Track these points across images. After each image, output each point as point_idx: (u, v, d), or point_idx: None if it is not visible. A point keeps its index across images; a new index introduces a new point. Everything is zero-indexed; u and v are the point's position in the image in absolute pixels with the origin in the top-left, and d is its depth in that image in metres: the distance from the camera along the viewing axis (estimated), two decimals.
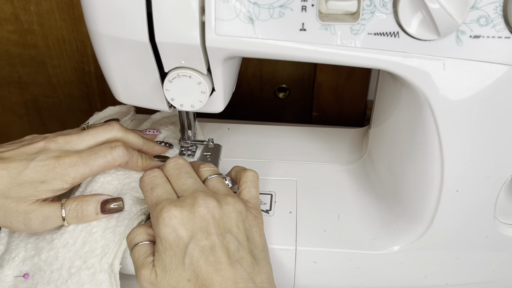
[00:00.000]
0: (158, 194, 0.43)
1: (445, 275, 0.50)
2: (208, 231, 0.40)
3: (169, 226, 0.40)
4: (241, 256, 0.40)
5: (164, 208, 0.41)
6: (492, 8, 0.36)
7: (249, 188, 0.46)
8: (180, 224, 0.40)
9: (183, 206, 0.41)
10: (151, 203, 0.43)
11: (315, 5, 0.37)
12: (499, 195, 0.45)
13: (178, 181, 0.44)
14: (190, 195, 0.42)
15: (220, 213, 0.41)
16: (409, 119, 0.45)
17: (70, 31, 0.79)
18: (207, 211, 0.41)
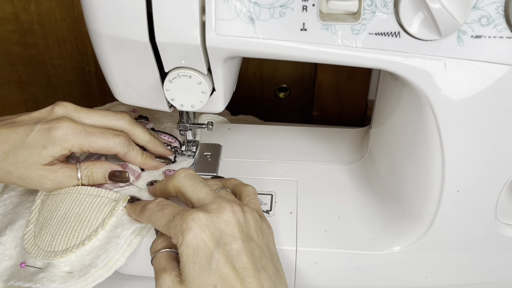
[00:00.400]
0: (172, 209, 0.41)
1: (446, 275, 0.50)
2: (234, 235, 0.39)
3: (193, 231, 0.38)
4: (265, 264, 0.40)
5: (186, 214, 0.39)
6: (494, 8, 0.36)
7: (253, 200, 0.46)
8: (206, 228, 0.38)
9: (208, 211, 0.39)
10: (167, 221, 0.40)
11: (316, 5, 0.37)
12: (500, 195, 0.45)
13: (195, 189, 0.43)
14: (212, 201, 0.41)
15: (242, 219, 0.40)
16: (410, 119, 0.45)
17: (70, 30, 0.79)
18: (232, 216, 0.39)
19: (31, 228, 0.48)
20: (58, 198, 0.49)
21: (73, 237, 0.46)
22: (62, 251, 0.45)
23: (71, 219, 0.47)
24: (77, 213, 0.47)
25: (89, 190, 0.49)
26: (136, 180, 0.52)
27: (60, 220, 0.47)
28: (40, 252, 0.46)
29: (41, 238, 0.47)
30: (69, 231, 0.46)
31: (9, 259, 0.46)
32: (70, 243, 0.46)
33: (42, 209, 0.49)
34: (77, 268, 0.45)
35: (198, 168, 0.56)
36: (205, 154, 0.58)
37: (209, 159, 0.58)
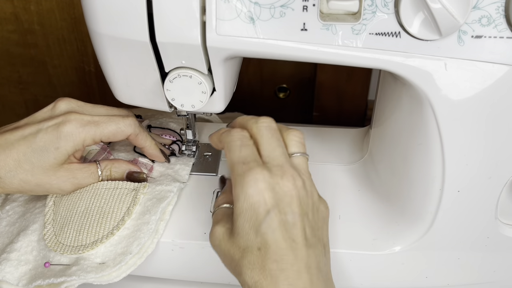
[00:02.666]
0: (246, 154, 0.39)
1: (446, 275, 0.50)
2: (292, 207, 0.38)
3: (256, 186, 0.37)
4: (314, 242, 0.39)
5: (254, 169, 0.38)
6: (494, 8, 0.36)
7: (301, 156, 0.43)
8: (267, 189, 0.37)
9: (272, 173, 0.38)
10: (237, 160, 0.39)
11: (316, 5, 0.37)
12: (500, 195, 0.45)
13: (269, 145, 0.41)
14: (278, 165, 0.39)
15: (303, 194, 0.39)
16: (410, 119, 0.45)
17: (71, 30, 0.79)
18: (293, 187, 0.38)
19: (50, 228, 0.48)
20: (75, 196, 0.49)
21: (100, 229, 0.46)
22: (91, 243, 0.46)
23: (94, 213, 0.47)
24: (99, 206, 0.48)
25: (106, 184, 0.50)
26: (150, 172, 0.53)
27: (83, 216, 0.47)
28: (66, 248, 0.46)
29: (64, 236, 0.47)
30: (95, 224, 0.47)
31: (25, 264, 0.46)
32: (98, 235, 0.46)
33: (57, 210, 0.49)
34: (109, 257, 0.45)
35: (198, 168, 0.56)
36: (205, 154, 0.58)
37: (209, 159, 0.58)
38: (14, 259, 0.46)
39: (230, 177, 0.44)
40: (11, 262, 0.46)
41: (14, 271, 0.46)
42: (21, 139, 0.45)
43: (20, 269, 0.46)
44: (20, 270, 0.46)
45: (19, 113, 0.89)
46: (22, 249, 0.47)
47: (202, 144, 0.60)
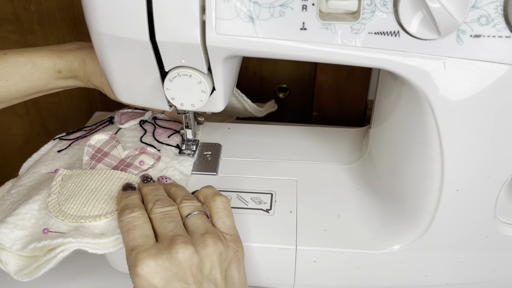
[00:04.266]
0: (134, 237, 0.41)
1: (445, 274, 0.50)
2: (186, 280, 0.38)
3: (141, 275, 0.38)
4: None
5: (137, 256, 0.39)
6: (493, 7, 0.36)
7: (222, 218, 0.44)
8: (154, 274, 0.38)
9: (160, 253, 0.39)
10: (127, 247, 0.41)
11: (315, 4, 0.37)
12: (499, 194, 0.45)
13: (160, 226, 0.42)
14: (167, 241, 0.40)
15: (198, 259, 0.39)
16: (409, 119, 0.45)
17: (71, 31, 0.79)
18: (183, 258, 0.39)
19: (54, 197, 0.49)
20: (86, 175, 0.51)
21: (105, 207, 0.48)
22: (93, 216, 0.47)
23: (102, 193, 0.49)
24: (108, 189, 0.49)
25: (119, 174, 0.51)
26: (157, 162, 0.55)
27: (91, 192, 0.49)
28: (68, 216, 0.47)
29: (69, 206, 0.48)
30: (101, 202, 0.48)
31: (21, 229, 0.46)
32: (102, 211, 0.47)
33: (65, 185, 0.50)
34: (108, 230, 0.46)
35: (198, 167, 0.56)
36: (205, 154, 0.58)
37: (209, 159, 0.58)
38: (10, 222, 0.46)
39: None
40: (6, 224, 0.46)
41: (8, 233, 0.45)
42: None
43: (16, 233, 0.46)
44: (16, 234, 0.46)
45: (19, 113, 0.89)
46: (21, 215, 0.47)
47: (202, 144, 0.60)
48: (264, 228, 0.49)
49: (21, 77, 0.50)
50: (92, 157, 0.55)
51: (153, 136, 0.59)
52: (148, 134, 0.59)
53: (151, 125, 0.62)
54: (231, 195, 0.52)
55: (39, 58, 0.51)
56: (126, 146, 0.57)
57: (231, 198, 0.52)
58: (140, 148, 0.56)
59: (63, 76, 0.53)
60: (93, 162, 0.54)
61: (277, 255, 0.48)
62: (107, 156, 0.55)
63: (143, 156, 0.55)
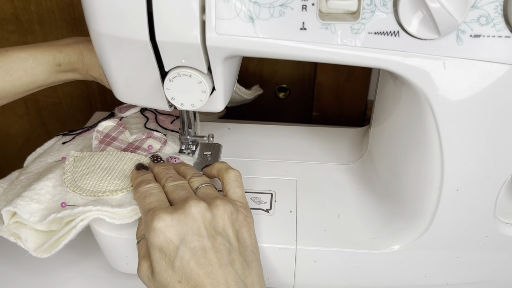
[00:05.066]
0: (150, 201, 0.43)
1: (445, 274, 0.50)
2: (200, 233, 0.40)
3: (158, 229, 0.40)
4: (232, 258, 0.41)
5: (154, 213, 0.41)
6: (492, 7, 0.36)
7: (233, 188, 0.47)
8: (170, 227, 0.40)
9: (174, 210, 0.41)
10: (143, 211, 0.43)
11: (315, 4, 0.37)
12: (499, 194, 0.45)
13: (175, 196, 0.44)
14: (181, 200, 0.43)
15: (211, 215, 0.41)
16: (409, 119, 0.45)
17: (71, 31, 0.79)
18: (197, 212, 0.41)
19: (69, 175, 0.50)
20: (98, 156, 0.53)
21: (120, 183, 0.49)
22: (110, 191, 0.49)
23: (116, 171, 0.51)
24: (121, 168, 0.51)
25: (130, 155, 0.53)
26: (164, 146, 0.57)
27: (105, 171, 0.51)
28: (85, 191, 0.49)
29: (85, 182, 0.50)
30: (116, 178, 0.50)
31: (37, 203, 0.48)
32: (117, 187, 0.49)
33: (77, 165, 0.52)
34: (125, 202, 0.48)
35: (198, 167, 0.56)
36: (205, 154, 0.58)
37: (209, 158, 0.58)
38: (26, 196, 0.47)
39: None
40: (22, 198, 0.47)
41: (25, 205, 0.47)
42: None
43: (32, 205, 0.47)
44: (32, 206, 0.47)
45: (19, 113, 0.89)
46: (36, 190, 0.48)
47: (202, 144, 0.60)
48: (264, 228, 0.49)
49: (24, 72, 0.52)
50: (101, 141, 0.56)
51: (156, 122, 0.61)
52: (151, 121, 0.62)
53: (151, 113, 0.64)
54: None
55: (39, 53, 0.53)
56: (132, 132, 0.59)
57: None
58: (147, 133, 0.58)
59: (63, 69, 0.55)
60: (102, 146, 0.56)
61: (277, 255, 0.48)
62: (116, 140, 0.57)
63: (150, 140, 0.57)
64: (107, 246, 0.50)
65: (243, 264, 0.41)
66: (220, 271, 0.39)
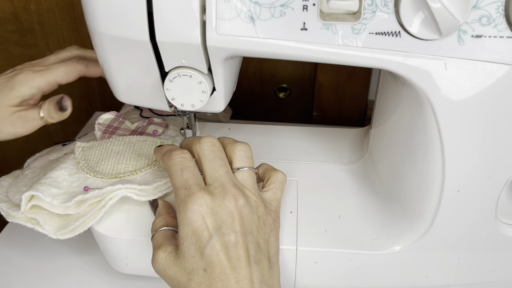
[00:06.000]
0: (187, 177, 0.42)
1: (446, 275, 0.50)
2: (234, 227, 0.40)
3: (198, 212, 0.39)
4: (259, 257, 0.41)
5: (195, 194, 0.40)
6: (494, 7, 0.36)
7: (275, 189, 0.46)
8: (209, 214, 0.39)
9: (213, 197, 0.40)
10: (179, 185, 0.42)
11: (316, 5, 0.37)
12: (500, 195, 0.45)
13: (211, 166, 0.43)
14: (220, 186, 0.41)
15: (246, 212, 0.41)
16: (410, 119, 0.45)
17: (70, 30, 0.79)
18: (235, 208, 0.40)
19: (84, 163, 0.51)
20: (106, 143, 0.54)
21: (137, 163, 0.51)
22: (130, 171, 0.50)
23: (129, 153, 0.52)
24: (133, 149, 0.52)
25: (137, 137, 0.55)
26: (166, 129, 0.58)
27: (119, 154, 0.52)
28: (106, 174, 0.50)
29: (102, 167, 0.51)
30: (132, 160, 0.51)
31: (56, 188, 0.49)
32: (136, 167, 0.50)
33: (88, 154, 0.53)
34: (147, 181, 0.49)
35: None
36: None
37: None
38: (45, 182, 0.48)
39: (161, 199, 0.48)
40: (41, 184, 0.48)
41: (45, 190, 0.48)
42: None
43: (52, 190, 0.48)
44: (52, 190, 0.48)
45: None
46: (53, 178, 0.49)
47: None
48: None
49: None
50: (104, 132, 0.57)
51: (150, 111, 0.62)
52: (145, 110, 0.63)
53: None
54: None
55: None
56: (132, 122, 0.60)
57: None
58: (147, 120, 0.59)
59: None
60: (107, 135, 0.56)
61: None
62: (119, 129, 0.57)
63: (152, 126, 0.58)
64: (107, 247, 0.50)
65: (267, 264, 0.42)
66: (247, 267, 0.39)
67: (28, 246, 0.58)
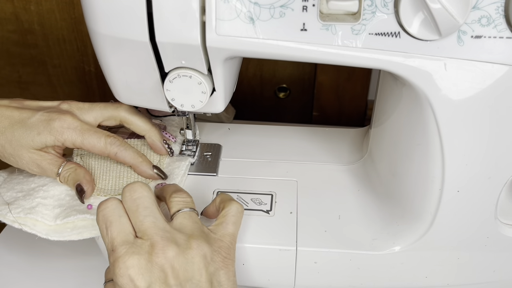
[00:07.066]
0: (112, 236, 0.39)
1: (446, 275, 0.50)
2: (167, 282, 0.37)
3: (126, 276, 0.37)
4: None
5: (120, 258, 0.37)
6: (494, 8, 0.36)
7: (226, 223, 0.44)
8: (138, 275, 0.37)
9: (141, 254, 0.38)
10: (107, 247, 0.40)
11: (316, 5, 0.37)
12: (500, 195, 0.45)
13: (136, 218, 0.40)
14: (147, 240, 0.39)
15: (180, 261, 0.38)
16: (410, 119, 0.45)
17: (70, 30, 0.79)
18: (165, 261, 0.38)
19: None
20: None
21: (138, 177, 0.51)
22: None
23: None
24: None
25: (135, 141, 0.55)
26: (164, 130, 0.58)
27: (119, 165, 0.52)
28: (107, 192, 0.50)
29: (104, 183, 0.51)
30: (132, 172, 0.51)
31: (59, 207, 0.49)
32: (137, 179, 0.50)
33: (87, 164, 0.53)
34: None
35: (198, 168, 0.56)
36: (205, 154, 0.58)
37: (209, 159, 0.58)
38: (49, 204, 0.48)
39: None
40: (46, 206, 0.48)
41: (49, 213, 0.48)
42: (18, 114, 0.49)
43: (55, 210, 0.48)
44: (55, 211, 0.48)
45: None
46: (56, 196, 0.49)
47: (202, 144, 0.60)
48: (265, 229, 0.49)
49: None
50: None
51: (148, 112, 0.61)
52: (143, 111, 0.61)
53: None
54: (231, 196, 0.52)
55: None
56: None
57: None
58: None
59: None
60: None
61: (278, 256, 0.48)
62: (117, 132, 0.57)
63: None
64: None
65: None
66: None
67: (27, 248, 0.58)
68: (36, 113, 0.49)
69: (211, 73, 0.43)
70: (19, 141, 0.48)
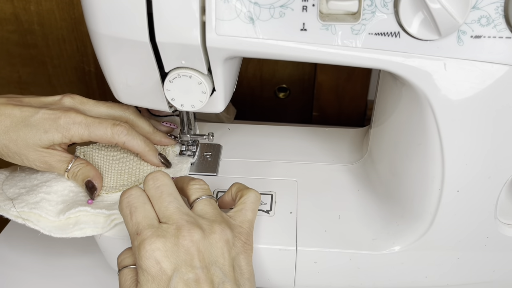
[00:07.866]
0: (137, 221, 0.40)
1: (446, 275, 0.50)
2: (193, 264, 0.38)
3: (152, 258, 0.38)
4: (228, 286, 0.39)
5: (146, 240, 0.38)
6: (493, 8, 0.36)
7: (245, 210, 0.44)
8: (164, 257, 0.38)
9: (166, 237, 0.39)
10: (131, 231, 0.40)
11: (315, 5, 0.37)
12: (500, 195, 0.45)
13: (160, 204, 0.41)
14: (173, 224, 0.40)
15: (205, 244, 0.39)
16: (409, 119, 0.45)
17: (70, 30, 0.79)
18: (191, 244, 0.38)
19: None
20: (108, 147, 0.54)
21: (140, 172, 0.52)
22: (131, 182, 0.50)
23: (131, 160, 0.53)
24: (134, 155, 0.54)
25: None
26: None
27: (121, 162, 0.53)
28: (110, 189, 0.50)
29: (105, 181, 0.51)
30: (134, 168, 0.52)
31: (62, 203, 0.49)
32: (138, 176, 0.51)
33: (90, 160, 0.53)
34: None
35: (198, 168, 0.56)
36: (205, 154, 0.58)
37: (209, 159, 0.58)
38: (53, 200, 0.49)
39: None
40: (49, 202, 0.48)
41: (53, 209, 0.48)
42: (19, 112, 0.48)
43: (59, 207, 0.48)
44: (59, 207, 0.48)
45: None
46: (59, 192, 0.50)
47: (202, 144, 0.60)
48: (264, 229, 0.49)
49: None
50: None
51: (148, 112, 0.61)
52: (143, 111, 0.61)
53: None
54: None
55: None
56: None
57: None
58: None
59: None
60: None
61: (278, 256, 0.48)
62: None
63: None
64: (106, 246, 0.50)
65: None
66: None
67: (28, 246, 0.59)
68: (39, 111, 0.48)
69: (211, 73, 0.43)
70: (25, 140, 0.47)
